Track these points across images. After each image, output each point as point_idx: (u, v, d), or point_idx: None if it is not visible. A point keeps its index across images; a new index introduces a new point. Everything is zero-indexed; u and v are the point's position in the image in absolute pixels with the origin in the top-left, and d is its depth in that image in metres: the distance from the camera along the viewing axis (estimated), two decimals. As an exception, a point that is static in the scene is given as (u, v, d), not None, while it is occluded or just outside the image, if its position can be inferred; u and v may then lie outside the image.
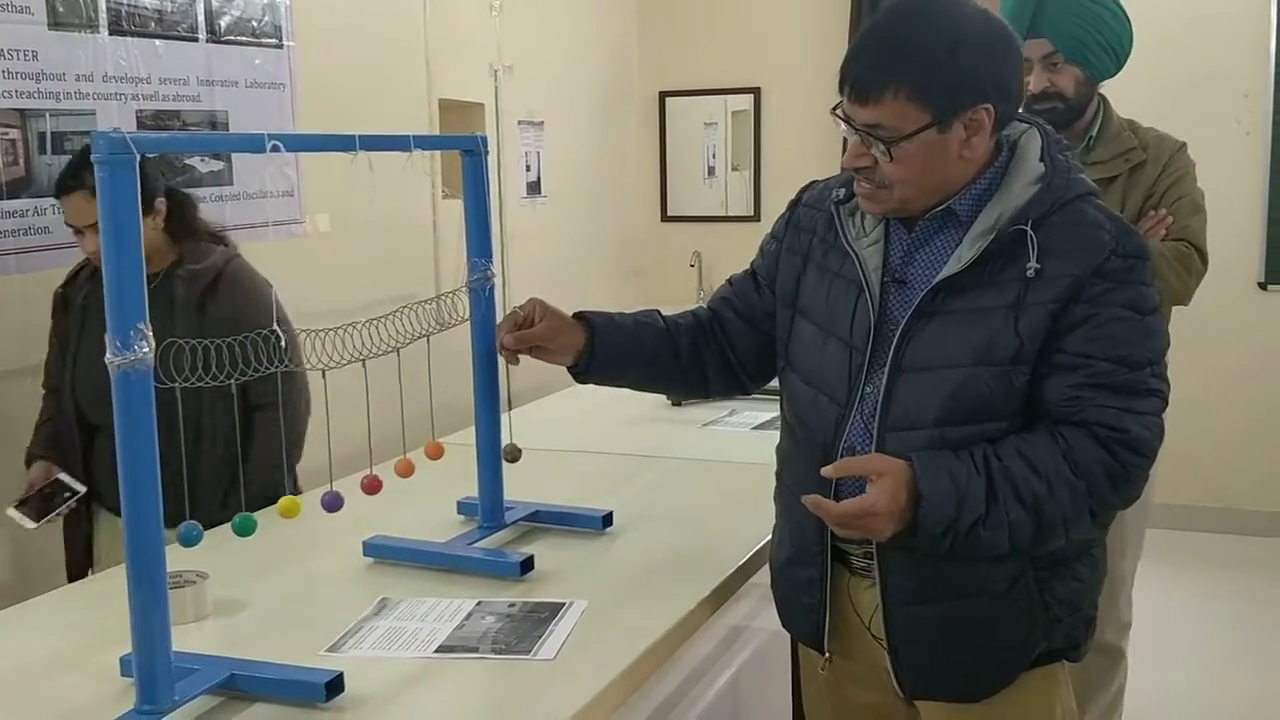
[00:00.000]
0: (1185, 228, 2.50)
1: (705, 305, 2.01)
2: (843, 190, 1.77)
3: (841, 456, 1.67)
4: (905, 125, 1.56)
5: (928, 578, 1.65)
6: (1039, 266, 1.57)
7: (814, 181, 1.91)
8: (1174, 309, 2.49)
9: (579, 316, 1.93)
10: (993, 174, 1.65)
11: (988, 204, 1.64)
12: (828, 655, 1.79)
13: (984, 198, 1.64)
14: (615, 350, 1.93)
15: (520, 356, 1.92)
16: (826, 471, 1.62)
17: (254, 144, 1.61)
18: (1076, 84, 2.47)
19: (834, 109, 1.65)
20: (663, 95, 5.31)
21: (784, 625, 1.93)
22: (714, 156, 5.32)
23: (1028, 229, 1.58)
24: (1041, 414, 1.61)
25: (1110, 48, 2.44)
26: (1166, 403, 1.62)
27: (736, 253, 2.04)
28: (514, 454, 2.14)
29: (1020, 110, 1.70)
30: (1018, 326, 1.58)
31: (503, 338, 1.91)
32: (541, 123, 4.28)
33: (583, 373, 1.94)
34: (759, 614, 2.72)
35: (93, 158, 1.36)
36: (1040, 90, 2.50)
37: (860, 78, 1.58)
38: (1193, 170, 2.57)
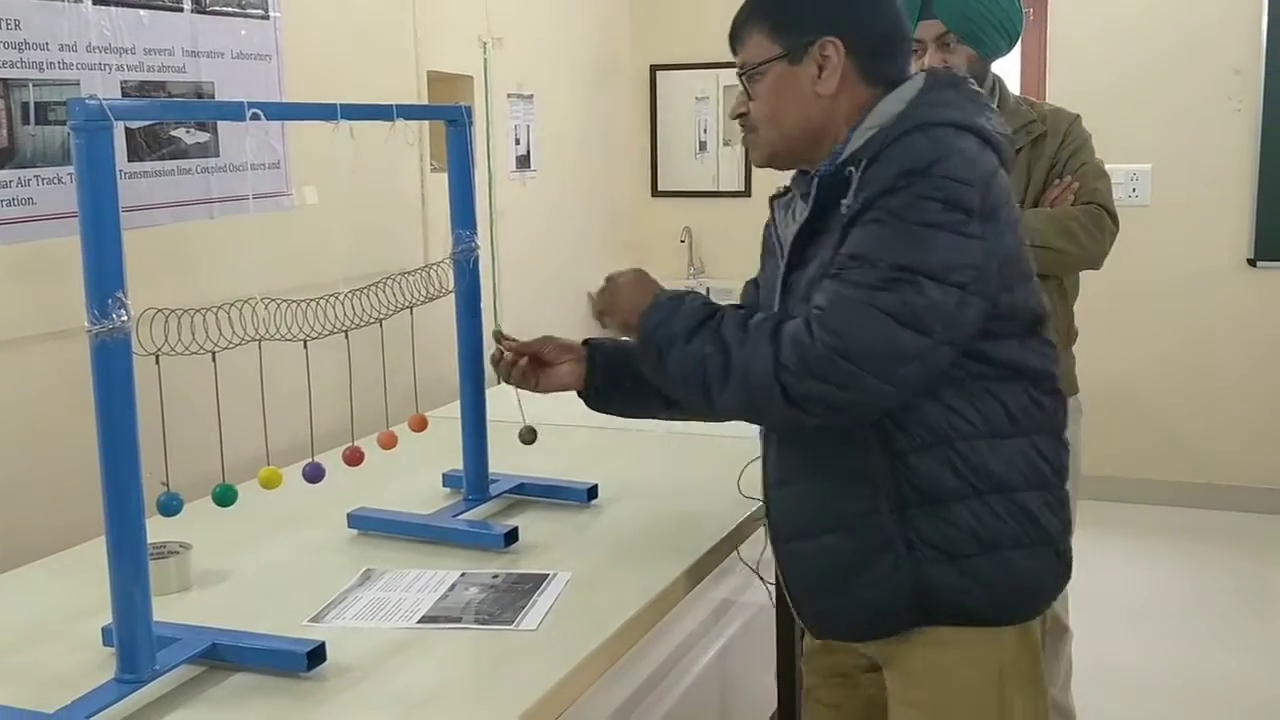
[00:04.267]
0: (1094, 190, 2.57)
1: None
2: (781, 185, 1.82)
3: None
4: (759, 57, 1.66)
5: (796, 512, 1.69)
6: (852, 203, 1.55)
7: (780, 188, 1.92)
8: (1156, 286, 2.51)
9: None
10: None
11: None
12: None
13: None
14: (622, 361, 1.91)
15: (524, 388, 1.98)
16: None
17: (234, 112, 1.60)
18: (970, 63, 2.48)
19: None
20: (654, 69, 5.28)
21: None
22: (705, 131, 5.29)
23: (852, 170, 1.56)
24: None
25: (1002, 26, 2.45)
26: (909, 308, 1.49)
27: (727, 228, 2.05)
28: (530, 436, 2.10)
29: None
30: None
31: (498, 349, 1.95)
32: (531, 96, 4.26)
33: (595, 391, 1.96)
34: (746, 588, 2.73)
35: (69, 125, 1.35)
36: None
37: (733, 22, 1.71)
38: (1090, 140, 2.62)
